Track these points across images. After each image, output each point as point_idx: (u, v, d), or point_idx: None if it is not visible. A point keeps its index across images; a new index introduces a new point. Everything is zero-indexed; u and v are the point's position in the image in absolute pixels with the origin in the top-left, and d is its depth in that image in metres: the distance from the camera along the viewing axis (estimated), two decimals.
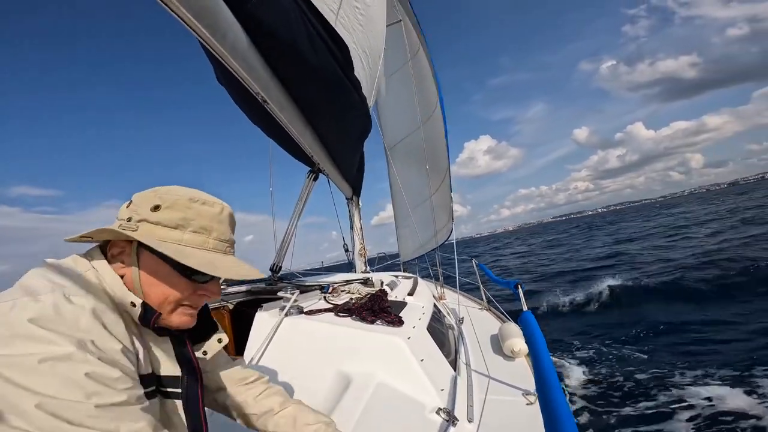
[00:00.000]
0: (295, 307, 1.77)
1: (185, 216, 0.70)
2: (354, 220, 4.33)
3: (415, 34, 5.83)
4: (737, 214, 19.50)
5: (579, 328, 6.62)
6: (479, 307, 3.49)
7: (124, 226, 0.69)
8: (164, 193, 0.71)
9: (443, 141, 6.51)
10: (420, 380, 1.37)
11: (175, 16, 1.14)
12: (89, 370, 0.50)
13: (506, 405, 1.52)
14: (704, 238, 13.55)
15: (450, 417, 1.24)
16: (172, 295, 0.71)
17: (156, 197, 0.70)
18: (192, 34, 1.24)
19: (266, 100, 1.76)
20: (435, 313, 2.20)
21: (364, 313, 1.70)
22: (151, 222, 0.69)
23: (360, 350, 1.49)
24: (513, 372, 1.85)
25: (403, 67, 5.71)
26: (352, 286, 2.39)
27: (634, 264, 11.26)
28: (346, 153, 3.08)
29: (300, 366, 1.49)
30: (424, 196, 6.38)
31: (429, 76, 6.28)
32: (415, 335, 1.57)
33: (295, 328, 1.63)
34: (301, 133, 2.20)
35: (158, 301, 0.70)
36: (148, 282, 0.70)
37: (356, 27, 2.27)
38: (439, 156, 6.60)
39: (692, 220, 22.47)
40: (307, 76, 1.84)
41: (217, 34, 1.28)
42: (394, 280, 2.78)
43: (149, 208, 0.69)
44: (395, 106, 6.53)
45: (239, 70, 1.51)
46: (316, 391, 1.33)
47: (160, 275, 0.70)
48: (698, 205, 37.55)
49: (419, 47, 5.99)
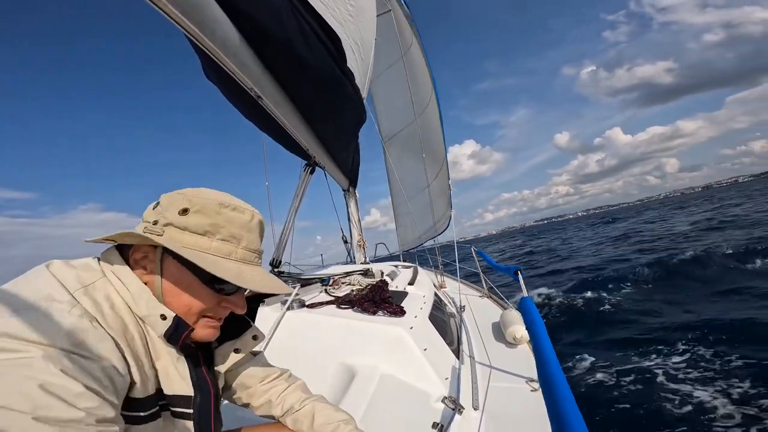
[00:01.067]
0: (296, 300, 1.78)
1: (215, 222, 0.67)
2: (351, 211, 4.33)
3: (407, 24, 5.77)
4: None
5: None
6: (480, 295, 3.51)
7: (150, 229, 0.64)
8: (193, 196, 0.67)
9: (439, 128, 6.51)
10: (424, 369, 1.38)
11: (162, 13, 1.12)
12: (45, 380, 0.46)
13: (510, 392, 1.53)
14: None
15: (456, 405, 1.25)
16: (196, 306, 0.67)
17: (184, 200, 0.66)
18: (180, 30, 1.22)
19: (260, 95, 1.74)
20: (436, 302, 2.21)
21: (365, 305, 1.71)
22: (178, 227, 0.65)
23: (363, 342, 1.49)
24: (516, 359, 1.87)
25: (397, 61, 5.67)
26: (353, 278, 2.40)
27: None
28: (342, 145, 3.07)
29: (303, 360, 1.49)
30: (423, 184, 6.38)
31: (423, 65, 6.24)
32: (417, 325, 1.57)
33: (298, 322, 1.64)
34: (296, 126, 2.18)
35: (181, 312, 0.66)
36: (171, 291, 0.66)
37: (347, 18, 2.24)
38: (436, 143, 6.60)
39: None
40: (301, 70, 1.82)
41: (206, 30, 1.26)
42: (394, 270, 2.78)
43: (177, 212, 0.65)
44: (391, 98, 6.51)
45: (231, 67, 1.49)
46: (320, 385, 1.34)
47: (184, 284, 0.66)
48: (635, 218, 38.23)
49: (412, 38, 5.94)
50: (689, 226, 16.74)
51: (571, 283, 8.71)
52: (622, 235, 19.52)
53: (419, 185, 6.54)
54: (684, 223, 19.21)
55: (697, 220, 19.21)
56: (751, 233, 11.13)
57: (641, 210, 66.01)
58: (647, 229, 20.31)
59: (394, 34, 5.03)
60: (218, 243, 0.67)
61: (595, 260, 12.31)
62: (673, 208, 43.24)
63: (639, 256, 10.85)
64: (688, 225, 17.42)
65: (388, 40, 4.96)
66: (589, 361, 4.43)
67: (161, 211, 0.66)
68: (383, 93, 6.67)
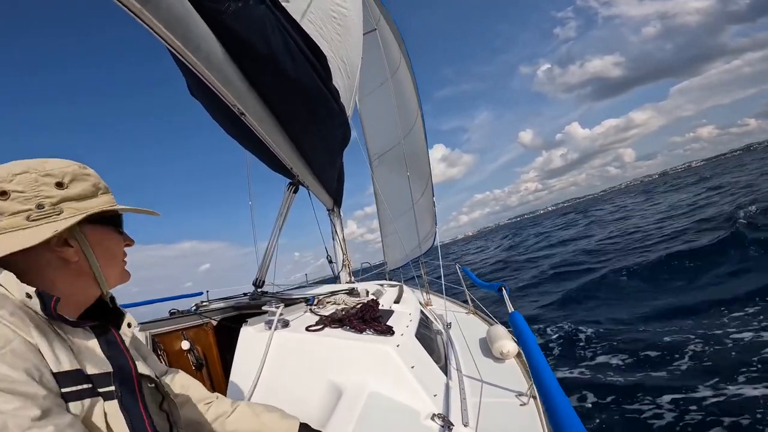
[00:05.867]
0: (280, 320, 1.74)
1: (95, 183, 0.72)
2: (336, 231, 4.31)
3: (395, 42, 5.92)
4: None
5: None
6: (465, 311, 3.50)
7: (41, 214, 0.63)
8: (50, 170, 0.66)
9: (425, 146, 6.64)
10: (412, 387, 1.36)
11: (146, 27, 1.11)
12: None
13: (500, 407, 1.52)
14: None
15: (445, 422, 1.22)
16: (120, 254, 0.76)
17: (49, 177, 0.65)
18: (163, 44, 1.22)
19: (243, 111, 1.73)
20: (422, 319, 2.20)
21: (354, 322, 1.68)
22: (73, 199, 0.67)
23: (349, 360, 1.47)
24: (504, 374, 1.86)
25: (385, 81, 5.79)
26: (338, 297, 2.36)
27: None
28: (327, 163, 3.07)
29: (289, 379, 1.46)
30: (409, 203, 6.44)
31: (410, 83, 6.40)
32: (403, 342, 1.55)
33: (282, 342, 1.60)
34: (279, 144, 2.18)
35: (119, 269, 0.76)
36: (104, 255, 0.73)
37: (334, 36, 2.28)
38: (422, 161, 6.71)
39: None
40: (286, 87, 1.83)
41: (190, 45, 1.26)
42: (380, 289, 2.76)
43: (53, 186, 0.65)
44: (380, 116, 6.62)
45: (215, 82, 1.48)
46: (308, 404, 1.30)
47: (113, 241, 0.75)
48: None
49: (400, 57, 6.10)
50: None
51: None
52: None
53: (406, 204, 6.60)
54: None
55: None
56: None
57: (608, 198, 68.13)
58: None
59: (380, 52, 5.15)
60: (106, 197, 0.74)
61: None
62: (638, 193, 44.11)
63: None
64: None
65: (376, 58, 5.06)
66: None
67: (30, 194, 0.63)
68: (372, 111, 6.79)
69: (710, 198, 16.19)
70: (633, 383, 3.88)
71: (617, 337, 5.06)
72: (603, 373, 4.28)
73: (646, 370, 4.14)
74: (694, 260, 7.58)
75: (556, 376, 1.00)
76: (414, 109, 6.50)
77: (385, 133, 6.71)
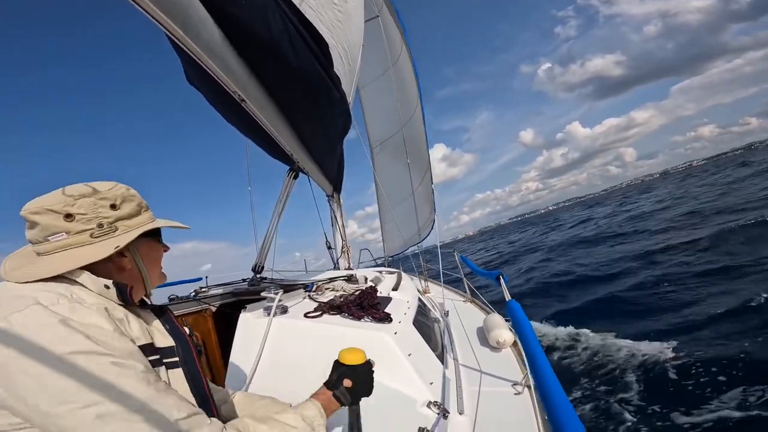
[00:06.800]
0: (279, 306, 1.75)
1: (139, 203, 0.85)
2: (336, 217, 4.31)
3: (396, 29, 5.83)
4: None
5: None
6: (463, 300, 3.53)
7: (102, 232, 0.77)
8: (106, 193, 0.79)
9: (423, 134, 6.60)
10: (409, 375, 1.38)
11: (145, 14, 1.10)
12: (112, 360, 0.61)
13: (495, 395, 1.55)
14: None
15: (441, 410, 1.25)
16: (160, 260, 0.92)
17: (105, 200, 0.78)
18: (163, 32, 1.20)
19: (244, 98, 1.72)
20: (420, 307, 2.22)
21: (352, 309, 1.70)
22: (125, 218, 0.81)
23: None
24: (500, 362, 1.89)
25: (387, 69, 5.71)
26: (336, 284, 2.38)
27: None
28: (327, 150, 3.06)
29: (287, 365, 1.48)
30: (408, 190, 6.43)
31: (410, 71, 6.33)
32: (401, 330, 1.57)
33: (281, 328, 1.62)
34: (280, 131, 2.16)
35: (157, 273, 0.91)
36: (150, 263, 0.88)
37: (335, 23, 2.25)
38: (422, 149, 6.68)
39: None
40: (287, 74, 1.81)
41: (191, 32, 1.24)
42: (378, 276, 2.77)
43: (108, 208, 0.79)
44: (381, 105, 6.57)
45: (215, 69, 1.47)
46: (304, 391, 1.32)
47: (155, 251, 0.90)
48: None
49: (402, 44, 6.00)
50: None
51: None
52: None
53: (405, 191, 6.58)
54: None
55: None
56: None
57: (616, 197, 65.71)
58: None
59: (382, 40, 5.06)
60: (149, 213, 0.88)
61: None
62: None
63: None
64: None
65: (377, 46, 4.98)
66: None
67: (91, 215, 0.76)
68: (373, 99, 6.73)
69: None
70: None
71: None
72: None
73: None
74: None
75: (551, 364, 1.02)
76: (414, 97, 6.44)
77: (386, 121, 6.66)
